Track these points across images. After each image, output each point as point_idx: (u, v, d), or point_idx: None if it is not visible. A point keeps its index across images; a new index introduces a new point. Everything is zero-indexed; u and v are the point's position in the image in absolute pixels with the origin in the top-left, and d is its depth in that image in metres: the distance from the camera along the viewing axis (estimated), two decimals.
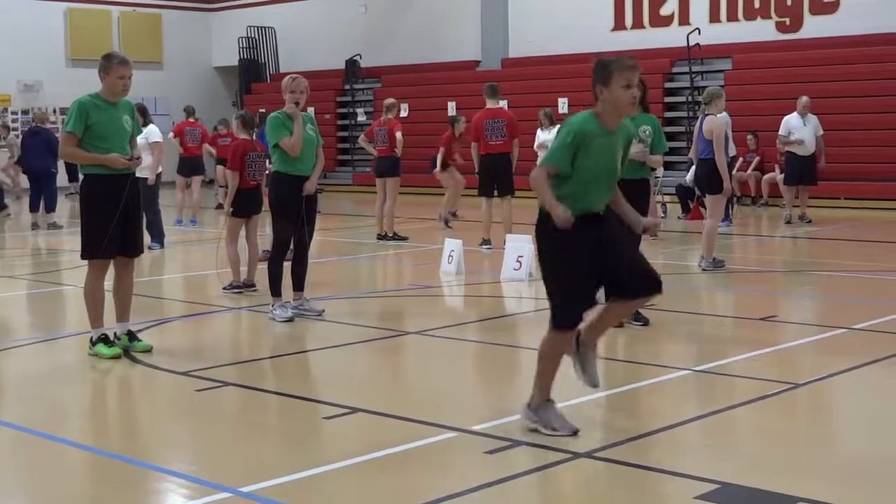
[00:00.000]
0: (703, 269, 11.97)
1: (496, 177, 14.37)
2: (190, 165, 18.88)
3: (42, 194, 18.54)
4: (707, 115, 12.01)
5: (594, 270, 5.71)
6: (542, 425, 5.80)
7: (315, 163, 9.48)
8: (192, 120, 19.70)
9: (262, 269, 10.03)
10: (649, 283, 5.82)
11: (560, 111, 22.62)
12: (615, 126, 5.78)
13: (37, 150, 18.35)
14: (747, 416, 6.36)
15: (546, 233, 5.69)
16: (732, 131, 17.60)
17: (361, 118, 28.40)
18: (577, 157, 5.67)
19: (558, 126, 18.01)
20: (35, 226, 18.45)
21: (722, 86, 21.55)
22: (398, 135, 15.24)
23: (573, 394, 6.34)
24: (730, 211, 17.68)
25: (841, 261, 13.46)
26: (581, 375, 5.94)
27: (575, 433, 5.74)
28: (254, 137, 11.39)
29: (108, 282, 8.09)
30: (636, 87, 5.74)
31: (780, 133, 17.87)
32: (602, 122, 5.74)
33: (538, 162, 6.14)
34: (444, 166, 17.94)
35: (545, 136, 18.36)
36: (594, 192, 5.75)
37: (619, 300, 5.86)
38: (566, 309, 5.73)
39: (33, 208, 18.70)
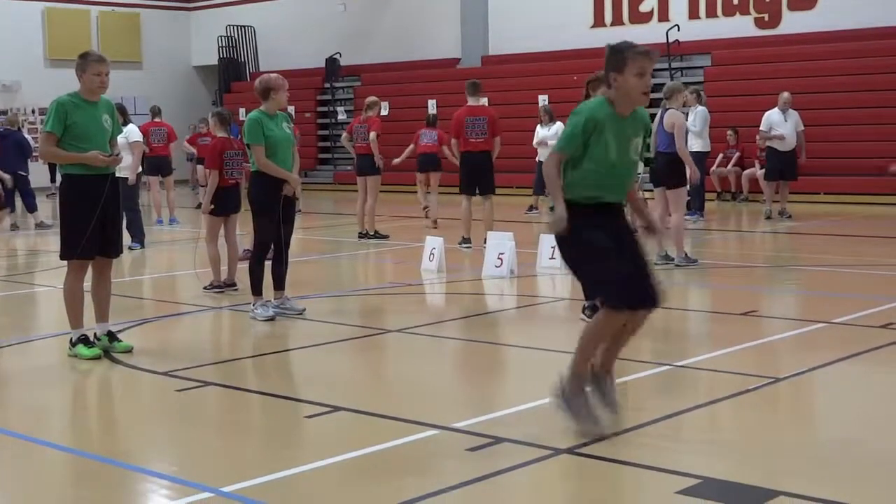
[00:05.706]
0: (677, 265, 11.98)
1: (477, 175, 14.26)
2: (156, 165, 18.72)
3: (16, 196, 18.49)
4: (668, 108, 11.98)
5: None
6: (567, 408, 5.74)
7: (293, 162, 9.49)
8: (157, 120, 19.56)
9: (243, 268, 9.99)
10: (657, 294, 5.70)
11: None
12: (628, 112, 5.71)
13: (7, 153, 18.29)
14: (728, 410, 6.38)
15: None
16: (711, 127, 17.68)
17: (342, 116, 28.36)
18: (590, 144, 5.60)
19: (558, 123, 18.05)
20: (14, 227, 18.38)
21: (701, 82, 21.73)
22: (372, 135, 15.15)
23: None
24: (702, 202, 17.76)
25: (821, 255, 13.51)
26: (601, 402, 5.75)
27: (596, 424, 5.69)
28: (229, 135, 11.35)
29: (87, 282, 8.05)
30: (649, 75, 5.64)
31: (761, 128, 17.90)
32: (615, 107, 5.67)
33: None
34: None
35: (545, 133, 18.34)
36: (610, 180, 5.67)
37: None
38: (616, 283, 5.57)
39: (11, 209, 18.59)
